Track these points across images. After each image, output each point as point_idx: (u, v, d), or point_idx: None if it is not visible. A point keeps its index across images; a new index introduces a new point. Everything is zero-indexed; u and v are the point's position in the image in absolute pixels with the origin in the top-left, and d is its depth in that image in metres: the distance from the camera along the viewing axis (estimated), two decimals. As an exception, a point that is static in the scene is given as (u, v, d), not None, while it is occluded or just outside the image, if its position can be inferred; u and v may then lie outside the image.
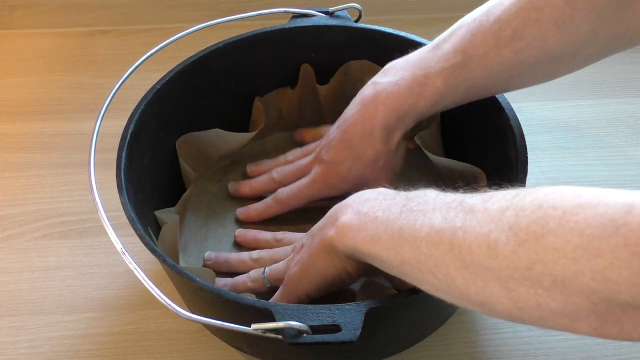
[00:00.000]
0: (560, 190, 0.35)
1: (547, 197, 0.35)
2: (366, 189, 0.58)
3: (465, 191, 0.41)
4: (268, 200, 0.63)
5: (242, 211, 0.64)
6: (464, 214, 0.38)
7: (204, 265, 0.60)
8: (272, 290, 0.55)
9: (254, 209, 0.64)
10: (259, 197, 0.65)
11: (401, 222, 0.42)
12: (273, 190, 0.64)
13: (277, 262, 0.56)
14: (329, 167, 0.60)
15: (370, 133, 0.57)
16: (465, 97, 0.55)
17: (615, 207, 0.32)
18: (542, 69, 0.53)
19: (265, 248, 0.61)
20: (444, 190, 0.43)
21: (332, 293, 0.52)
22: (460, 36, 0.53)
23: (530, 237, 0.34)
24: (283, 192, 0.62)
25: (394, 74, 0.56)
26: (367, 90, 0.58)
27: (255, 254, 0.59)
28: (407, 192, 0.45)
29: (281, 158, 0.67)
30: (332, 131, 0.60)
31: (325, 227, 0.49)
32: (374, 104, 0.56)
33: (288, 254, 0.56)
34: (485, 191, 0.39)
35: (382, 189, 0.48)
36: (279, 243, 0.60)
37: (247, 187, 0.66)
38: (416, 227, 0.41)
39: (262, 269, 0.56)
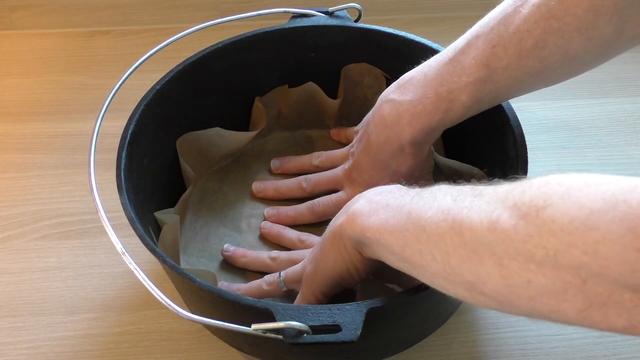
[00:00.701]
0: (571, 174, 0.35)
1: (555, 177, 0.35)
2: None
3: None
4: (301, 208, 0.64)
5: (273, 213, 0.64)
6: (473, 197, 0.39)
7: (222, 256, 0.61)
8: (289, 294, 0.55)
9: (285, 215, 0.64)
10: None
11: (411, 206, 0.43)
12: (299, 196, 0.65)
13: (294, 264, 0.56)
14: (368, 188, 0.60)
15: (401, 151, 0.57)
16: (490, 105, 0.56)
17: (619, 186, 0.32)
18: (565, 70, 0.52)
19: (288, 246, 0.61)
20: None
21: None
22: (481, 48, 0.52)
23: (531, 210, 0.34)
24: (319, 204, 0.63)
25: (413, 91, 0.55)
26: (387, 109, 0.57)
27: (273, 253, 0.60)
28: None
29: (305, 159, 0.68)
30: (357, 153, 0.61)
31: (338, 217, 0.50)
32: (398, 125, 0.56)
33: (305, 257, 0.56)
34: (497, 182, 0.40)
35: (398, 185, 0.48)
36: (302, 244, 0.61)
37: (272, 190, 0.66)
38: (424, 209, 0.41)
39: (278, 272, 0.56)
